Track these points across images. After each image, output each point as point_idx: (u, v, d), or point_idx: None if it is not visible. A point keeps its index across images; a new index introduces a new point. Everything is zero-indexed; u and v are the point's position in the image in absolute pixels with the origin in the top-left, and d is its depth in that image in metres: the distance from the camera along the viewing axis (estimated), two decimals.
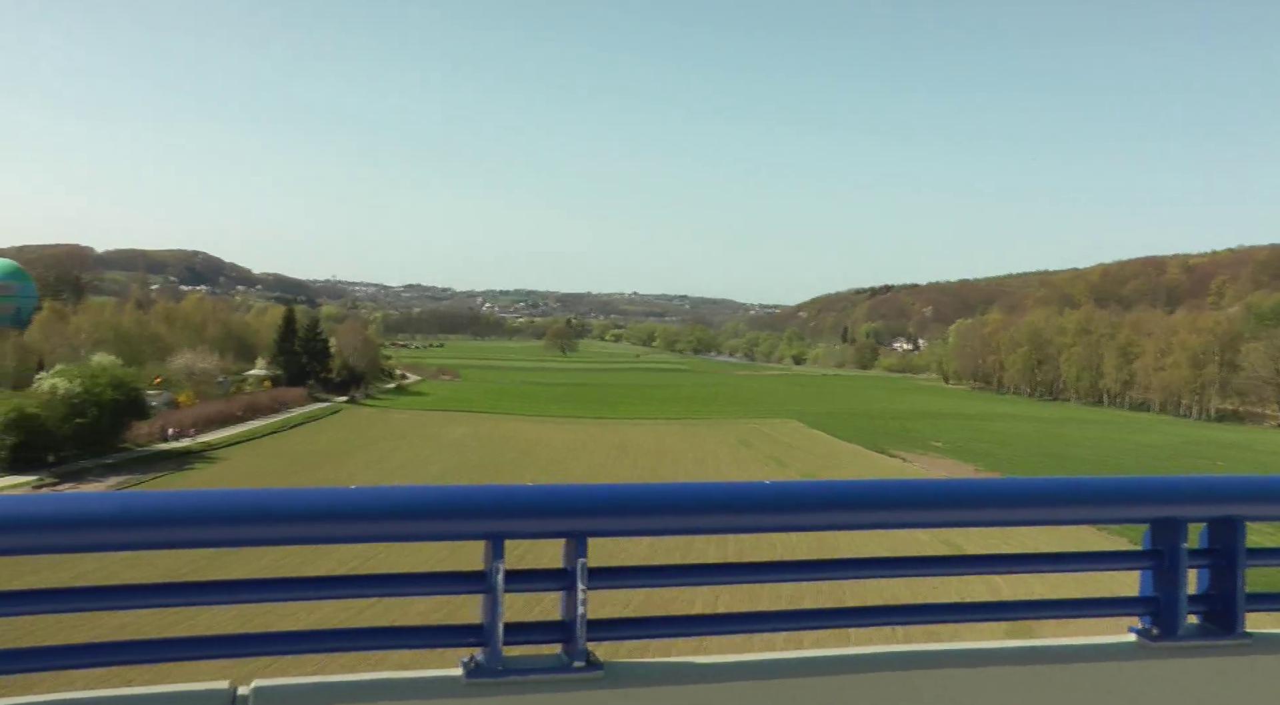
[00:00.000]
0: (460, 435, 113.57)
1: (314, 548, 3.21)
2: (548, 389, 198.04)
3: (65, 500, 2.67)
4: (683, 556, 42.36)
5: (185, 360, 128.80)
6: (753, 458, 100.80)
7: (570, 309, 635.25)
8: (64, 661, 2.76)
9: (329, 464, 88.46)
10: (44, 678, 2.94)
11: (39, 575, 32.69)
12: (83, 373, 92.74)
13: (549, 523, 2.93)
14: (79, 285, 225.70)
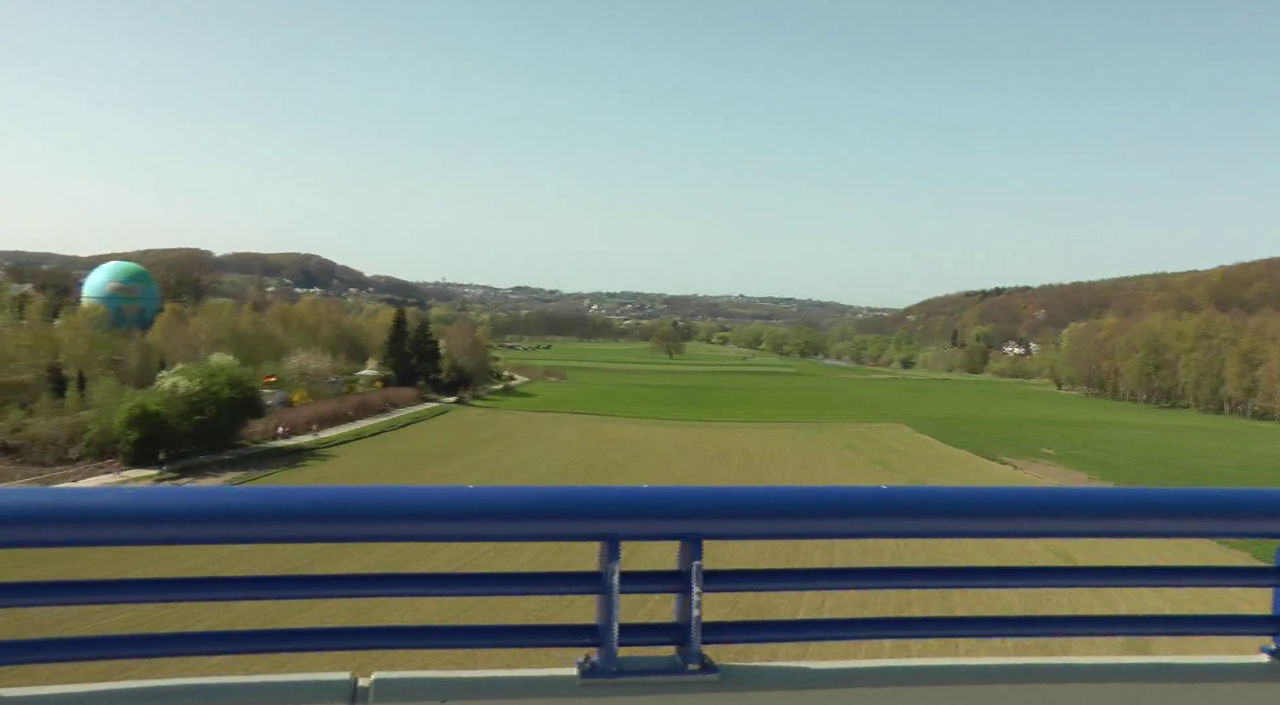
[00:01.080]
0: (567, 436, 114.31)
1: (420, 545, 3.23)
2: (654, 391, 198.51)
3: (190, 494, 2.75)
4: (787, 560, 42.17)
5: (299, 360, 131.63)
6: (859, 462, 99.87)
7: (677, 311, 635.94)
8: (190, 648, 2.84)
9: (437, 463, 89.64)
10: (166, 663, 3.00)
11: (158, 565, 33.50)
12: (201, 372, 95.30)
13: (664, 525, 2.92)
14: (199, 288, 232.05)
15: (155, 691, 2.73)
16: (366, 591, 2.93)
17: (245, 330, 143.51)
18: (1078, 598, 36.92)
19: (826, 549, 46.83)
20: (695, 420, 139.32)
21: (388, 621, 3.04)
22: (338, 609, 31.21)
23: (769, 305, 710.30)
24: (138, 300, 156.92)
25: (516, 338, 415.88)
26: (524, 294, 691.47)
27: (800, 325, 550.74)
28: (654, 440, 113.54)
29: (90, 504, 2.70)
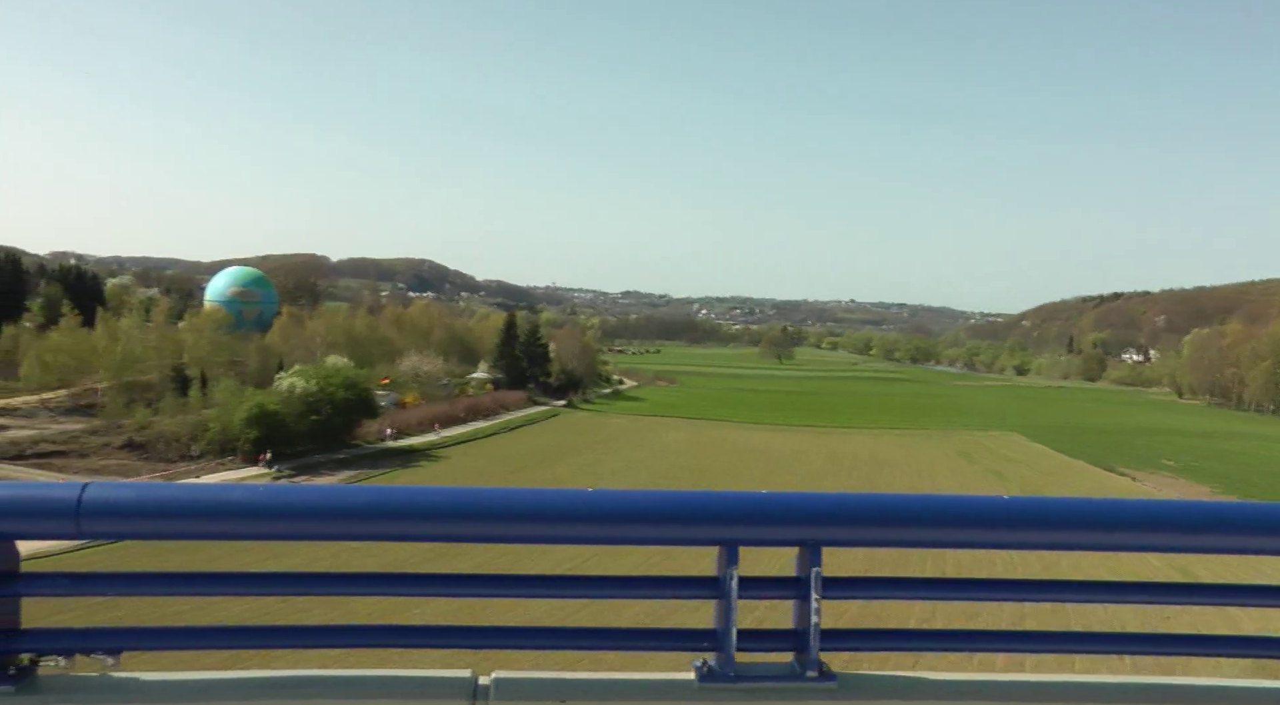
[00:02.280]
0: (676, 440, 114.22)
1: (527, 548, 3.29)
2: (763, 396, 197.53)
3: (310, 492, 2.85)
4: (895, 568, 41.60)
5: (412, 363, 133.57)
6: (972, 471, 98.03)
7: (786, 316, 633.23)
8: (310, 640, 2.90)
9: (545, 466, 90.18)
10: (285, 654, 3.07)
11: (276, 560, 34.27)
12: (318, 373, 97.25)
13: (782, 530, 2.90)
14: (315, 292, 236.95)
15: (280, 681, 2.80)
16: (487, 592, 2.97)
17: (360, 333, 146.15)
18: (1200, 617, 35.79)
19: (937, 558, 46.09)
20: (804, 426, 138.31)
21: (500, 622, 3.07)
22: (444, 608, 31.57)
23: (879, 310, 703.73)
24: (257, 304, 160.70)
25: (625, 342, 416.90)
26: (633, 298, 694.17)
27: (911, 331, 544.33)
28: (762, 445, 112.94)
29: (218, 499, 2.81)
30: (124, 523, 2.77)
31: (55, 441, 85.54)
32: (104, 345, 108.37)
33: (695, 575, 3.01)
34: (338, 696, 2.78)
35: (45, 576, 2.84)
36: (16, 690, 2.69)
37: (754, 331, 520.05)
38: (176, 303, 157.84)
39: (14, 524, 2.72)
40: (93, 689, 2.74)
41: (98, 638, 2.77)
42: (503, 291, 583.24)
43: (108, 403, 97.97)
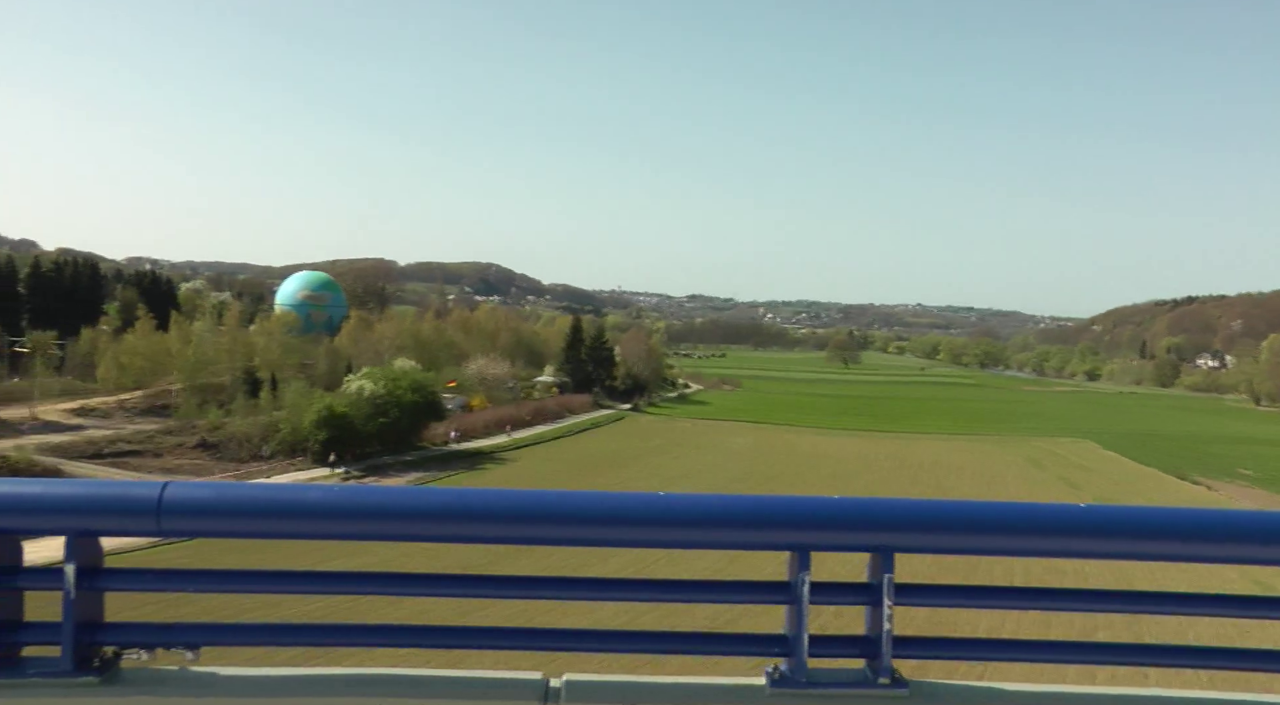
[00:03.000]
0: (741, 445, 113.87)
1: (593, 551, 3.30)
2: (829, 401, 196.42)
3: (380, 493, 2.89)
4: (965, 577, 41.10)
5: (478, 366, 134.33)
6: (1043, 478, 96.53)
7: (853, 320, 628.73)
8: (381, 639, 2.93)
9: (612, 469, 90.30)
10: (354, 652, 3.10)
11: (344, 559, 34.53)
12: (386, 375, 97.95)
13: (855, 536, 2.89)
14: (383, 295, 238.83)
15: (352, 678, 2.84)
16: (557, 594, 2.99)
17: (427, 336, 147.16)
18: (1277, 631, 35.02)
19: (1006, 566, 45.55)
20: (870, 431, 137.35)
21: (566, 625, 3.08)
22: (510, 609, 31.76)
23: (947, 314, 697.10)
24: (326, 307, 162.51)
25: (691, 346, 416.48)
26: (699, 302, 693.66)
27: (979, 335, 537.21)
28: (829, 450, 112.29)
29: (294, 499, 2.87)
30: (202, 521, 2.83)
31: (131, 441, 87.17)
32: (178, 348, 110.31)
33: (766, 580, 3.00)
34: (409, 696, 2.81)
35: (129, 572, 2.92)
36: (101, 681, 2.76)
37: (820, 335, 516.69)
38: (248, 307, 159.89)
39: (98, 521, 2.79)
40: (173, 682, 2.80)
41: (178, 632, 2.83)
42: (568, 295, 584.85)
43: (181, 404, 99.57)
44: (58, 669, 2.75)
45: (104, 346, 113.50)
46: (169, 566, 3.01)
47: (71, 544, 2.76)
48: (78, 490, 2.85)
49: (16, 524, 2.78)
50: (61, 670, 2.75)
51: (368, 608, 30.97)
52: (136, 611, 2.97)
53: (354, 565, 3.13)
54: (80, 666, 2.76)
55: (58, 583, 2.76)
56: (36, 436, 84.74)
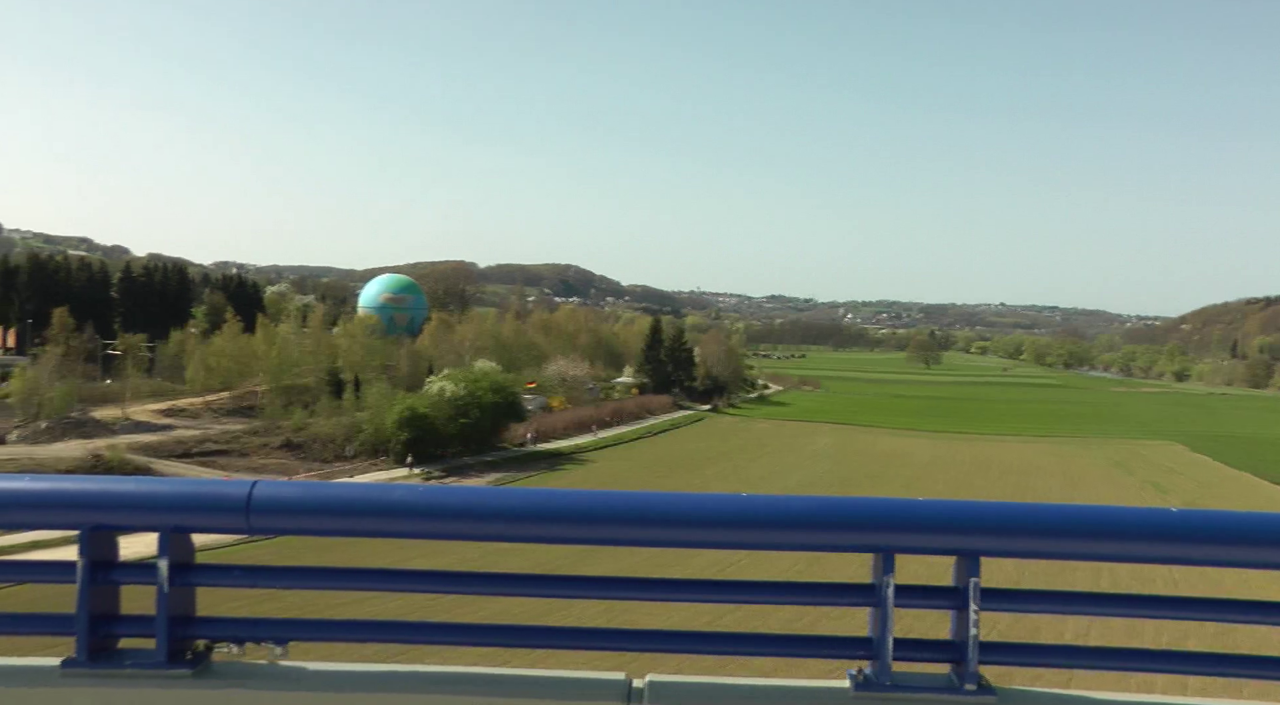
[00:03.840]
0: (821, 446, 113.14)
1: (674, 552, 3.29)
2: (910, 401, 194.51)
3: (465, 493, 2.93)
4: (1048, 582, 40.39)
5: (558, 367, 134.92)
6: (1129, 482, 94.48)
7: (934, 320, 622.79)
8: (468, 638, 2.96)
9: (692, 470, 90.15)
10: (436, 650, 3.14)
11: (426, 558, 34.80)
12: (466, 377, 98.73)
13: (940, 539, 2.85)
14: (464, 297, 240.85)
15: (435, 676, 2.87)
16: (639, 595, 2.98)
17: (507, 338, 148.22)
18: None
19: (1092, 571, 44.72)
20: (952, 432, 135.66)
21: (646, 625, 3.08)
22: (592, 610, 31.86)
23: (1031, 314, 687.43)
24: (408, 310, 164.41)
25: (770, 347, 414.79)
26: (778, 303, 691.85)
27: (1064, 335, 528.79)
28: (910, 451, 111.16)
29: (379, 498, 2.92)
30: (290, 519, 2.89)
31: (218, 441, 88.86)
32: (263, 350, 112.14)
33: (850, 582, 2.98)
34: (492, 695, 2.83)
35: (219, 568, 2.99)
36: (194, 673, 2.83)
37: (900, 336, 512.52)
38: (331, 309, 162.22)
39: (190, 518, 2.87)
40: (262, 676, 2.86)
41: (267, 627, 2.89)
42: (648, 296, 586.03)
43: (267, 404, 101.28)
44: (152, 661, 2.83)
45: (192, 349, 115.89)
46: (256, 563, 3.08)
47: (165, 540, 2.84)
48: (171, 488, 2.93)
49: (113, 520, 2.87)
50: (156, 662, 2.83)
51: (447, 607, 31.28)
52: (222, 606, 3.04)
53: (433, 564, 3.17)
54: (174, 659, 2.84)
55: (151, 578, 2.84)
56: (128, 436, 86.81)
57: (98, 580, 2.87)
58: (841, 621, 36.26)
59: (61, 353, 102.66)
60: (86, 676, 2.82)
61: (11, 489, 2.92)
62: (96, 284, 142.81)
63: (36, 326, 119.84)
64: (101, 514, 2.86)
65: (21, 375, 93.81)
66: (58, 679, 2.82)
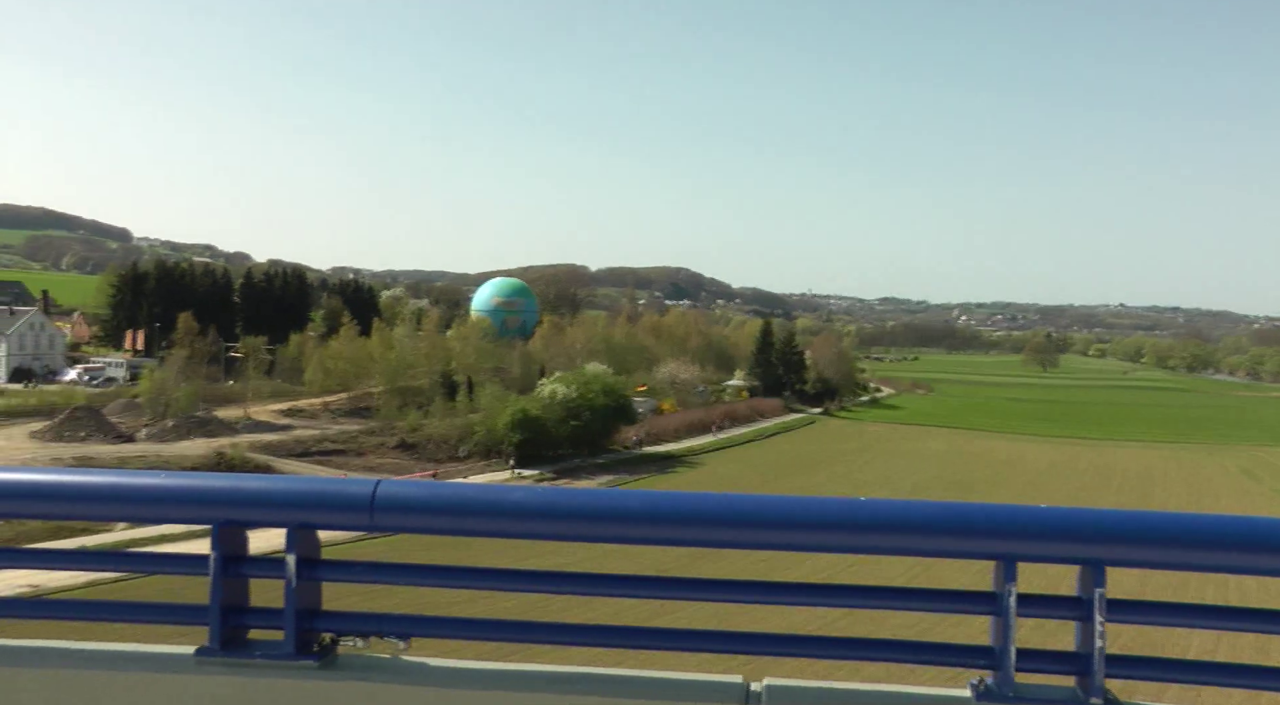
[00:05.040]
0: (934, 450, 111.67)
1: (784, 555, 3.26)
2: (1026, 405, 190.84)
3: (580, 495, 2.97)
4: (1174, 593, 39.27)
5: (669, 370, 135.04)
6: (1259, 491, 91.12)
7: (1051, 322, 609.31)
8: (584, 639, 3.00)
9: (802, 473, 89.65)
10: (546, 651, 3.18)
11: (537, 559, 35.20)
12: (578, 379, 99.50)
13: (1064, 547, 2.79)
14: (575, 301, 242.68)
15: (551, 676, 2.91)
16: (753, 598, 2.98)
17: (618, 341, 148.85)
18: None
19: (1218, 583, 43.46)
20: (1069, 437, 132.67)
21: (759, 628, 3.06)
22: (704, 612, 31.80)
23: (1151, 315, 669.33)
24: (519, 313, 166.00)
25: (883, 349, 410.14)
26: (891, 305, 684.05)
27: (1187, 337, 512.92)
28: (1025, 457, 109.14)
29: (499, 499, 2.97)
30: (412, 518, 2.96)
31: (336, 441, 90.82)
32: (379, 353, 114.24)
33: (970, 589, 2.93)
34: (608, 695, 2.85)
35: (344, 564, 3.08)
36: (320, 665, 2.92)
37: (1016, 338, 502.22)
38: (445, 313, 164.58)
39: (316, 515, 2.95)
40: (386, 670, 2.93)
41: (390, 623, 2.96)
42: (758, 298, 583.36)
43: (382, 406, 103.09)
44: (280, 652, 2.94)
45: (310, 351, 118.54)
46: (377, 560, 3.16)
47: (292, 536, 2.92)
48: (298, 486, 3.04)
49: (243, 516, 2.98)
50: (284, 653, 2.93)
51: (560, 606, 31.51)
52: (342, 601, 3.12)
53: (547, 564, 3.23)
54: (301, 650, 2.93)
55: (279, 572, 2.93)
56: (249, 435, 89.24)
57: (229, 573, 2.97)
58: (957, 629, 35.69)
59: (187, 355, 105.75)
60: (219, 665, 2.93)
61: (150, 485, 3.06)
62: (220, 289, 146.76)
63: (163, 330, 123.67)
64: (232, 510, 2.97)
65: (150, 376, 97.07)
66: (192, 666, 2.93)
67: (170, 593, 3.31)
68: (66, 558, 3.76)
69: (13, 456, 75.12)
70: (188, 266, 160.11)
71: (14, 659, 3.01)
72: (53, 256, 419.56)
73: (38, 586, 38.36)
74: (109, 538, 50.44)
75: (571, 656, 3.14)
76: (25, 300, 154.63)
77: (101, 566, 3.70)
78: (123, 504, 3.11)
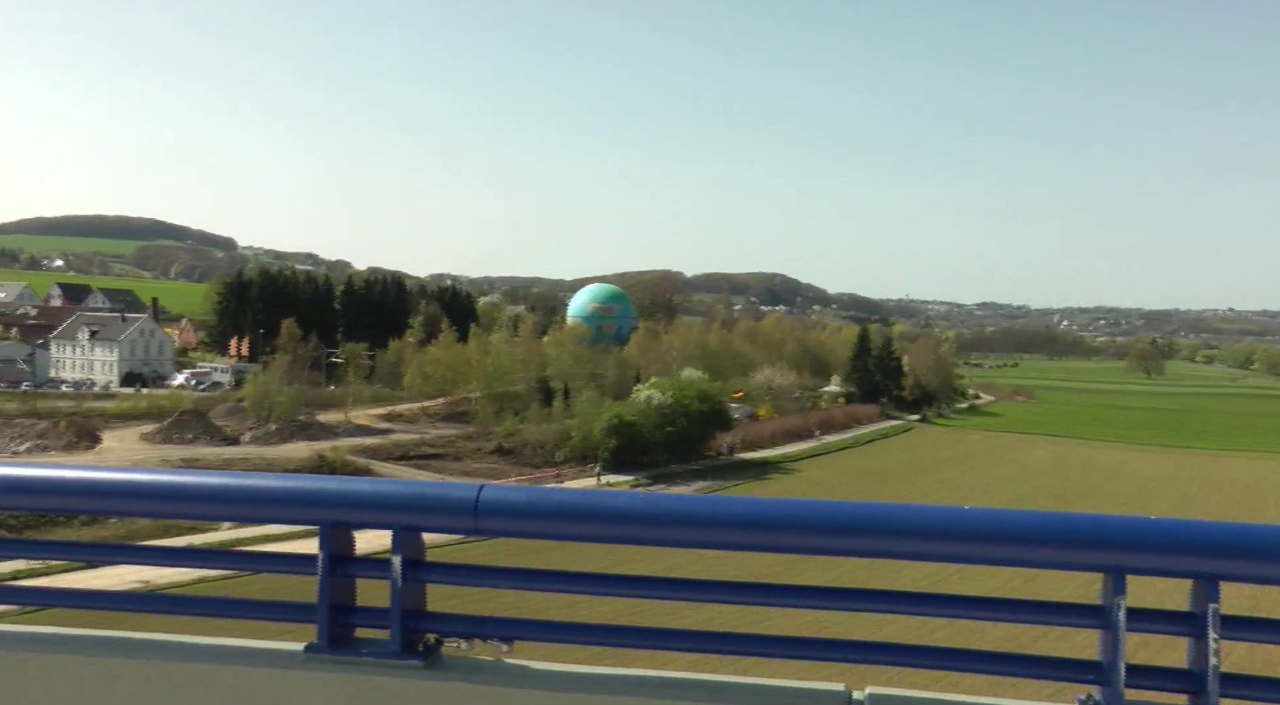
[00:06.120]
0: (1036, 459, 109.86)
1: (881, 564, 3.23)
2: (1130, 413, 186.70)
3: (696, 502, 2.98)
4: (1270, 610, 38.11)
5: (764, 376, 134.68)
6: None
7: (1156, 328, 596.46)
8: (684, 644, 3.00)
9: (900, 481, 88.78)
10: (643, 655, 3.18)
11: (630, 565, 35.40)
12: (673, 385, 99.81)
13: (1177, 561, 2.71)
14: (670, 307, 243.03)
15: (654, 680, 2.90)
16: (851, 606, 2.94)
17: (713, 347, 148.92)
18: None
19: None
20: (1175, 446, 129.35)
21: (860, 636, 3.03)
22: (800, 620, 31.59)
23: (1263, 320, 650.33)
24: (615, 319, 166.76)
25: (981, 355, 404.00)
26: (990, 310, 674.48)
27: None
28: (1129, 466, 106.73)
29: (601, 504, 2.99)
30: (515, 522, 2.99)
31: (434, 445, 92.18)
32: (476, 358, 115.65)
33: (1078, 602, 2.86)
34: (711, 701, 2.83)
35: (448, 566, 3.12)
36: (425, 665, 2.96)
37: (1120, 344, 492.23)
38: (541, 319, 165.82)
39: (422, 518, 3.00)
40: (489, 671, 2.96)
41: (494, 625, 2.99)
42: (854, 304, 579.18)
43: (479, 411, 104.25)
44: (386, 650, 2.99)
45: (409, 357, 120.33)
46: (481, 563, 3.20)
47: (398, 537, 2.97)
48: (404, 489, 3.10)
49: (351, 518, 3.04)
50: (390, 652, 2.98)
51: (656, 611, 31.56)
52: (443, 603, 3.15)
53: (641, 570, 3.24)
54: (406, 650, 2.98)
55: (384, 573, 2.98)
56: (350, 439, 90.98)
57: (336, 573, 3.03)
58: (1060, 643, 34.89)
59: (289, 360, 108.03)
60: (327, 662, 2.98)
61: (261, 486, 3.15)
62: (321, 296, 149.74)
63: (267, 336, 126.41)
64: (340, 511, 3.03)
65: (254, 381, 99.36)
66: (301, 662, 3.00)
67: (272, 591, 3.38)
68: (177, 555, 3.88)
69: (125, 458, 77.45)
70: (290, 274, 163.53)
71: (128, 650, 3.10)
72: (162, 265, 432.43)
73: (148, 582, 39.62)
74: (214, 536, 51.77)
75: (670, 661, 3.14)
76: (136, 308, 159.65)
77: (213, 564, 3.83)
78: (237, 504, 3.22)
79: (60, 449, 79.84)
